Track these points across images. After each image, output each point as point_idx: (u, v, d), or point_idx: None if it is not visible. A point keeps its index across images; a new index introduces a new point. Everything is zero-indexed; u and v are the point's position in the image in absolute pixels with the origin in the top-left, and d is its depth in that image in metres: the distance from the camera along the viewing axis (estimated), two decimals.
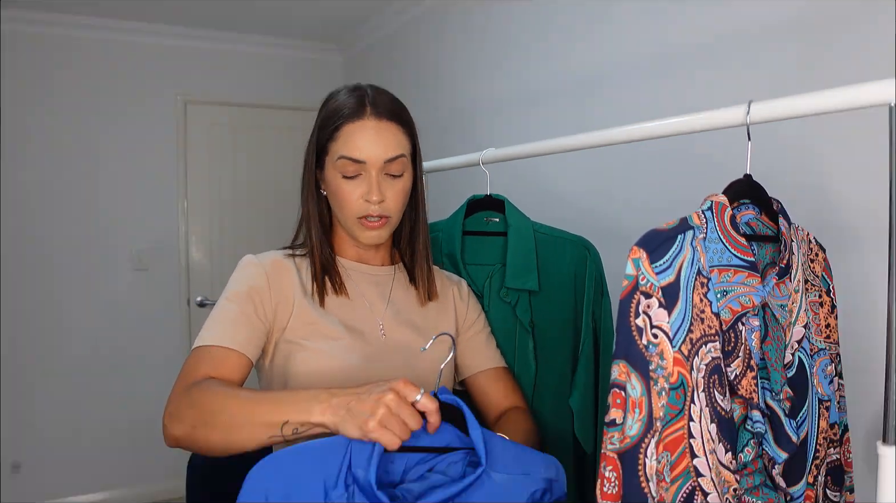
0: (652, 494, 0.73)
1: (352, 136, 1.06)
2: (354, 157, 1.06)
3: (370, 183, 1.06)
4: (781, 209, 0.94)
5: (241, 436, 0.89)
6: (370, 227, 1.09)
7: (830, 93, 0.81)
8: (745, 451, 0.84)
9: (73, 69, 3.37)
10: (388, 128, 1.08)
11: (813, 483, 0.93)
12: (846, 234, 1.02)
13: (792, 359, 0.91)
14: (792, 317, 0.91)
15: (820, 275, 1.00)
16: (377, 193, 1.06)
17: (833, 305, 1.01)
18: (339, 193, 1.08)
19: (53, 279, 3.36)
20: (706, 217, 0.85)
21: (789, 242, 0.91)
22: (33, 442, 3.30)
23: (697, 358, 0.79)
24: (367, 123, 1.06)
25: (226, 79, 3.71)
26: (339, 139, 1.07)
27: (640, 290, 0.75)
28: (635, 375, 0.75)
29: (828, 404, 0.96)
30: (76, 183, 3.40)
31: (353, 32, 3.67)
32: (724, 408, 0.81)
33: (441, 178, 2.00)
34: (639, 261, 0.76)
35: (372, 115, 1.07)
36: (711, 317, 0.81)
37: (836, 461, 1.00)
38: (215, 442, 0.90)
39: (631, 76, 1.91)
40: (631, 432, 0.74)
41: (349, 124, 1.06)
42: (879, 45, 1.19)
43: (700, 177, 1.65)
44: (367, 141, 1.06)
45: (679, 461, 0.76)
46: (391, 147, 1.07)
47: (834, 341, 1.01)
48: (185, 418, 0.92)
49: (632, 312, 0.75)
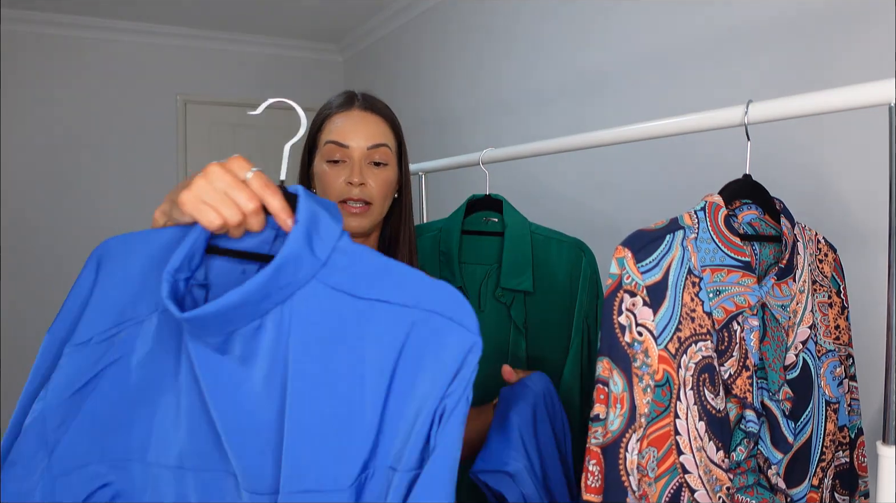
0: (632, 488, 0.74)
1: (338, 124, 1.13)
2: (339, 141, 1.11)
3: (352, 167, 1.11)
4: (784, 209, 0.93)
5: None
6: (351, 211, 1.11)
7: (830, 93, 0.81)
8: (738, 450, 0.84)
9: (73, 69, 3.37)
10: (373, 119, 1.14)
11: (818, 485, 0.92)
12: (846, 233, 1.02)
13: (796, 359, 0.90)
14: (796, 317, 0.90)
15: (829, 276, 0.99)
16: (358, 175, 1.10)
17: (843, 306, 1.00)
18: (324, 178, 1.13)
19: (53, 279, 3.35)
20: (698, 217, 0.85)
21: (791, 243, 0.90)
22: None
23: (686, 356, 0.80)
24: (354, 113, 1.13)
25: (226, 79, 3.71)
26: (327, 128, 1.13)
27: (623, 289, 0.77)
28: (617, 372, 0.76)
29: (836, 406, 0.95)
30: (76, 183, 3.40)
31: (353, 32, 3.67)
32: (714, 406, 0.81)
33: (441, 178, 2.00)
34: (623, 261, 0.78)
35: (359, 108, 1.14)
36: (703, 316, 0.82)
37: (845, 465, 0.98)
38: None
39: (631, 76, 1.91)
40: (612, 427, 0.75)
41: (337, 115, 1.14)
42: (879, 45, 1.19)
43: (700, 177, 1.64)
44: (352, 127, 1.12)
45: (666, 457, 0.78)
46: (375, 135, 1.13)
47: (844, 342, 0.99)
48: None
49: (615, 310, 0.77)
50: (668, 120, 0.98)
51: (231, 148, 3.70)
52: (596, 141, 1.09)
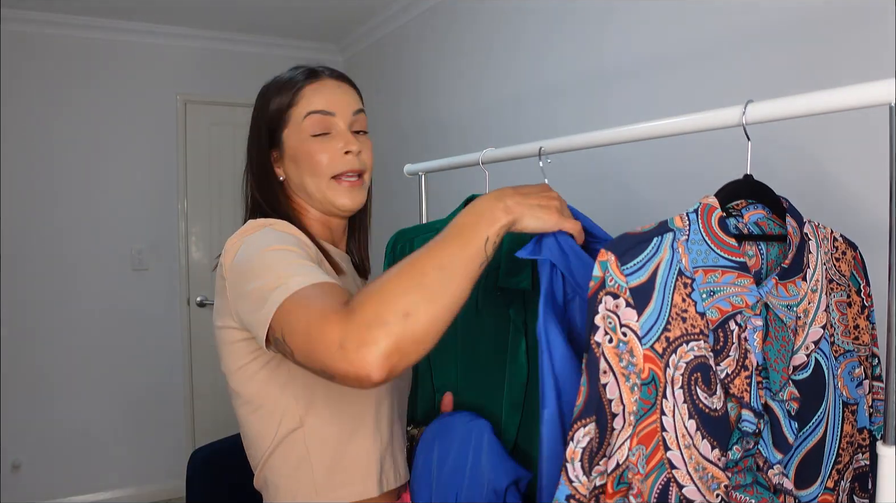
0: (567, 475, 0.79)
1: (315, 93, 1.06)
2: (324, 109, 1.05)
3: (345, 135, 1.06)
4: (790, 208, 0.92)
5: (455, 286, 0.77)
6: (348, 184, 1.06)
7: (830, 93, 0.81)
8: (734, 449, 0.84)
9: (73, 69, 3.37)
10: (346, 86, 1.10)
11: (833, 488, 0.91)
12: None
13: (807, 360, 0.89)
14: (807, 317, 0.90)
15: (849, 274, 0.97)
16: (355, 143, 1.06)
17: (864, 305, 0.98)
18: (311, 155, 1.05)
19: (53, 279, 3.36)
20: (690, 219, 0.86)
21: (797, 242, 0.89)
22: (33, 442, 3.30)
23: (675, 355, 0.81)
24: (328, 82, 1.08)
25: (226, 79, 3.69)
26: (303, 101, 1.06)
27: (605, 291, 0.80)
28: (585, 367, 0.80)
29: (854, 408, 0.93)
30: (76, 183, 3.40)
31: (353, 32, 3.67)
32: (707, 405, 0.82)
33: (441, 178, 2.00)
34: (606, 264, 0.81)
35: (329, 77, 1.09)
36: (696, 316, 0.83)
37: (865, 467, 0.96)
38: (436, 313, 0.75)
39: (631, 77, 1.91)
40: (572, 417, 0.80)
41: (310, 85, 1.07)
42: (879, 45, 1.19)
43: (700, 177, 1.64)
44: (332, 94, 1.07)
45: (654, 454, 0.80)
46: (353, 102, 1.09)
47: (864, 343, 0.97)
48: (383, 321, 0.72)
49: (595, 311, 0.80)
50: (667, 120, 0.98)
51: (231, 148, 3.70)
52: (596, 141, 1.09)
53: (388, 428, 1.13)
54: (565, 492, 0.78)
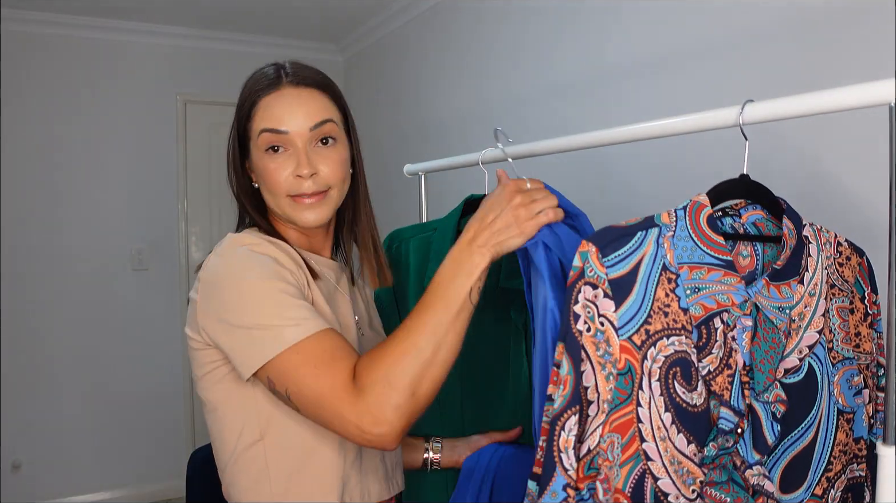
0: (563, 465, 0.79)
1: (269, 108, 0.98)
2: (275, 128, 0.97)
3: (298, 155, 0.97)
4: (788, 209, 0.91)
5: (448, 343, 0.86)
6: (305, 204, 0.98)
7: (830, 93, 0.81)
8: (710, 446, 0.84)
9: (73, 69, 3.37)
10: (309, 94, 1.00)
11: (822, 495, 0.89)
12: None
13: (800, 364, 0.88)
14: (803, 321, 0.89)
15: (853, 280, 0.95)
16: (307, 165, 0.96)
17: (867, 313, 0.95)
18: (266, 173, 0.98)
19: (53, 279, 3.36)
20: (677, 216, 0.87)
21: (791, 244, 0.89)
22: (33, 442, 3.30)
23: (654, 348, 0.82)
24: (285, 91, 0.99)
25: (226, 79, 3.69)
26: (258, 114, 0.99)
27: (584, 281, 0.81)
28: (566, 356, 0.81)
29: (850, 416, 0.92)
30: (76, 183, 3.40)
31: (353, 32, 3.67)
32: (685, 400, 0.83)
33: (441, 178, 2.00)
34: (586, 254, 0.82)
35: (289, 84, 0.99)
36: (678, 311, 0.84)
37: (859, 478, 0.94)
38: (436, 374, 0.86)
39: (632, 77, 1.91)
40: (554, 405, 0.81)
41: (266, 97, 0.99)
42: (879, 45, 1.19)
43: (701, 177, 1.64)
44: (287, 108, 0.97)
45: (630, 444, 0.81)
46: (314, 112, 0.98)
47: (866, 351, 0.95)
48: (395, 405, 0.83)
49: (573, 300, 0.81)
50: (665, 120, 0.98)
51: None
52: (596, 141, 1.09)
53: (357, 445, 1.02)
54: (562, 481, 0.78)
